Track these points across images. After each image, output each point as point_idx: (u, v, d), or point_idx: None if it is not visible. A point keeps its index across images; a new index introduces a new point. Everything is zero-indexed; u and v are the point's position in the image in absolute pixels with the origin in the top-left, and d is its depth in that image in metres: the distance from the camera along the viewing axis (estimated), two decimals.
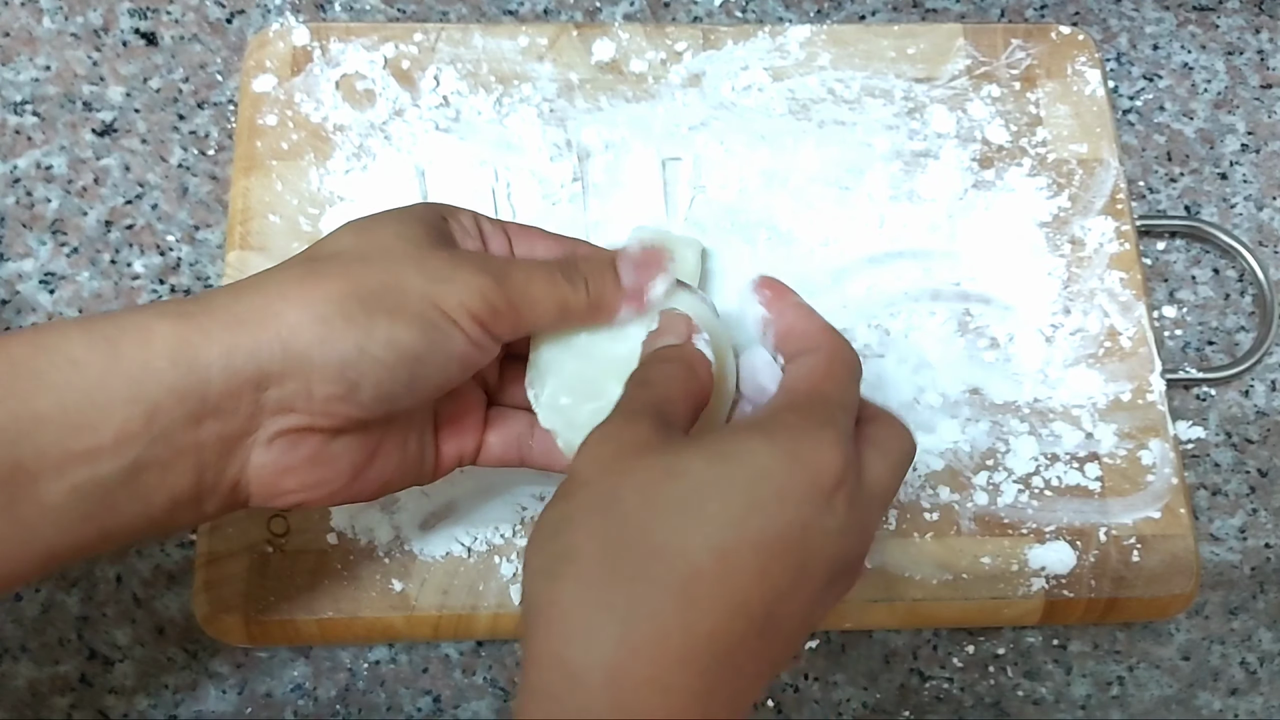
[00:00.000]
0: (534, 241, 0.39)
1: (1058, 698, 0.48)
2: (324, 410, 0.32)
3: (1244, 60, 0.60)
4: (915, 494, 0.47)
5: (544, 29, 0.54)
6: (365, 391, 0.32)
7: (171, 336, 0.30)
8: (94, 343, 0.29)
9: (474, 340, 0.34)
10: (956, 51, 0.55)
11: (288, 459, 0.32)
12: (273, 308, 0.31)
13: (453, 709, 0.47)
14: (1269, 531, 0.52)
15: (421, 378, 0.33)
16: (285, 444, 0.32)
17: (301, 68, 0.53)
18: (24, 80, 0.56)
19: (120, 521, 0.30)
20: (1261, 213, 0.57)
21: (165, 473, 0.30)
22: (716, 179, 0.52)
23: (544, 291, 0.35)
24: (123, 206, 0.54)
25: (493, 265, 0.34)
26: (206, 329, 0.30)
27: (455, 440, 0.38)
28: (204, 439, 0.30)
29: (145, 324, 0.30)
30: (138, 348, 0.29)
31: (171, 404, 0.29)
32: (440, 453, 0.38)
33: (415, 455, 0.37)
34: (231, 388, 0.30)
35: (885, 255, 0.52)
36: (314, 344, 0.31)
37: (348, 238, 0.35)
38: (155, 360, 0.29)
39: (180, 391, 0.29)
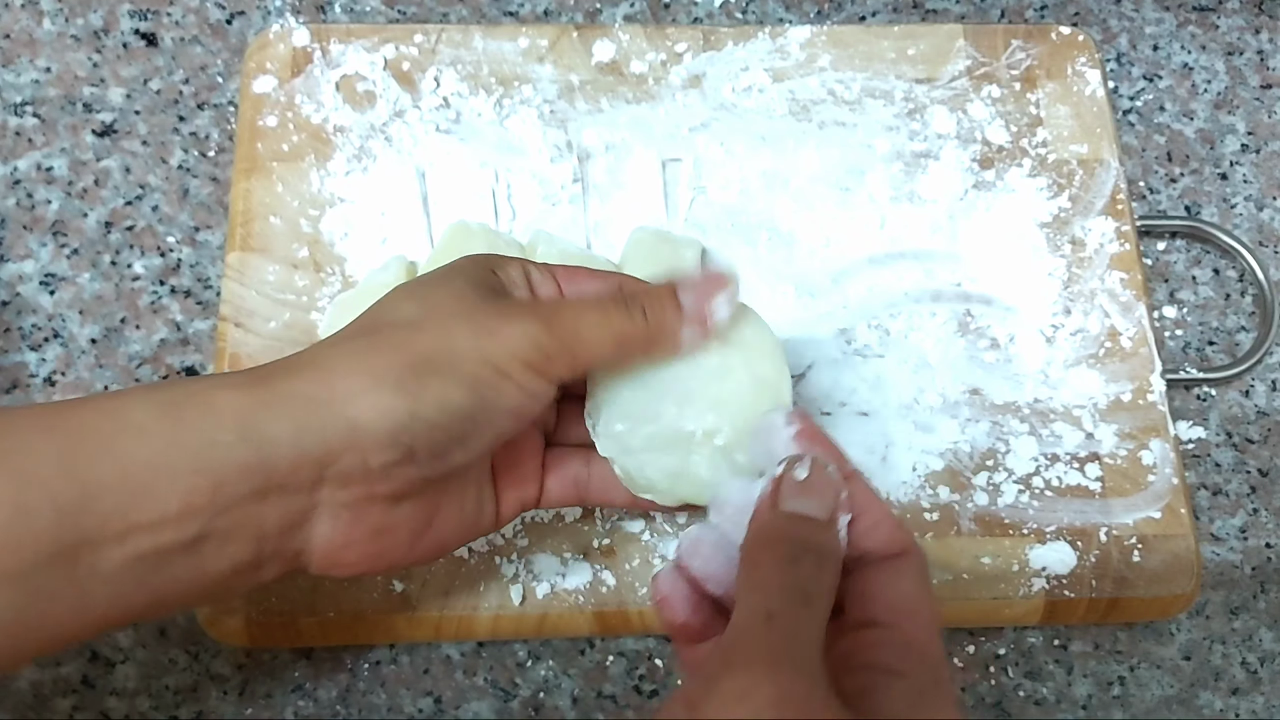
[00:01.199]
0: (582, 281, 0.38)
1: (1059, 698, 0.48)
2: (382, 477, 0.32)
3: (1244, 60, 0.60)
4: (915, 494, 0.47)
5: (544, 30, 0.54)
6: (421, 454, 0.32)
7: (238, 411, 0.30)
8: (157, 411, 0.29)
9: (527, 390, 0.33)
10: (957, 52, 0.55)
11: (349, 533, 0.33)
12: (338, 387, 0.31)
13: (454, 710, 0.47)
14: (1270, 531, 0.52)
15: (475, 434, 0.33)
16: (347, 517, 0.32)
17: (302, 69, 0.53)
18: (24, 82, 0.56)
19: (176, 589, 0.30)
20: (1262, 213, 0.57)
21: (225, 544, 0.30)
22: (717, 180, 0.52)
23: (597, 327, 0.34)
24: (123, 208, 0.54)
25: (541, 310, 0.34)
26: (273, 406, 0.30)
27: (516, 489, 0.38)
28: (266, 514, 0.30)
29: (209, 395, 0.30)
30: (202, 418, 0.29)
31: (237, 479, 0.29)
32: (500, 503, 0.38)
33: (473, 511, 0.37)
34: (298, 466, 0.30)
35: (886, 256, 0.52)
36: (370, 417, 0.31)
37: (403, 304, 0.35)
38: (221, 434, 0.29)
39: (247, 467, 0.29)
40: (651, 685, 0.48)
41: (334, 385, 0.31)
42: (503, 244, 0.47)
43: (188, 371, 0.51)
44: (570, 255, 0.47)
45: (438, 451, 0.33)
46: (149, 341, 0.52)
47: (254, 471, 0.29)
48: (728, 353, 0.35)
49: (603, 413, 0.36)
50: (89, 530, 0.27)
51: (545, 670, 0.48)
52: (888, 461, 0.48)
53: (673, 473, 0.35)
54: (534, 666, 0.48)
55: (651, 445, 0.35)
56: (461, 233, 0.47)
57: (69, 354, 0.51)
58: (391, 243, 0.50)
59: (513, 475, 0.38)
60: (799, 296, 0.50)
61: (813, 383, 0.49)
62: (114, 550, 0.28)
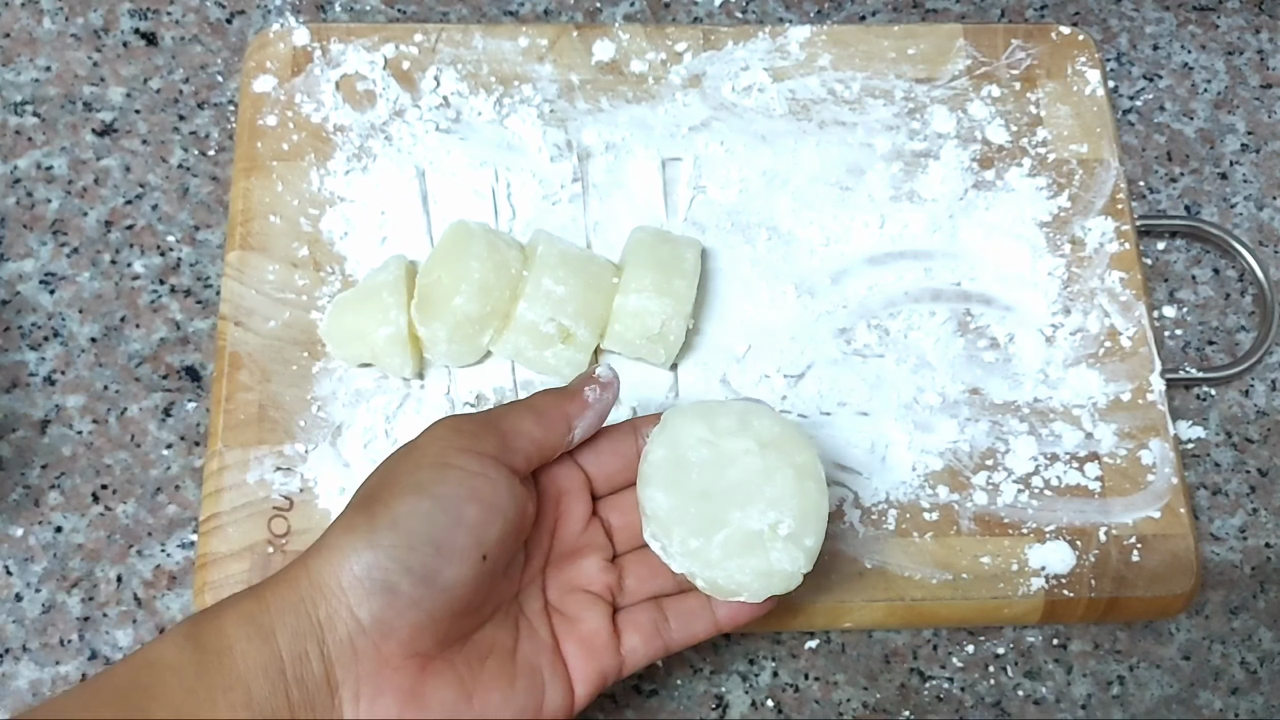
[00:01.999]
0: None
1: (1058, 697, 0.48)
2: (382, 631, 0.32)
3: (1244, 60, 0.60)
4: (915, 494, 0.47)
5: (544, 30, 0.54)
6: (402, 585, 0.32)
7: (244, 618, 0.32)
8: (180, 647, 0.32)
9: (469, 470, 0.34)
10: (957, 52, 0.55)
11: (377, 711, 0.33)
12: (311, 565, 0.33)
13: None
14: (1269, 531, 0.52)
15: (446, 539, 0.33)
16: (369, 693, 0.33)
17: (302, 68, 0.53)
18: (25, 81, 0.56)
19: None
20: (1262, 212, 0.57)
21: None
22: (717, 179, 0.52)
23: (513, 408, 0.38)
24: (123, 207, 0.54)
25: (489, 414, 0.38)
26: (270, 603, 0.33)
27: (589, 661, 0.37)
28: (295, 710, 0.32)
29: (219, 616, 0.33)
30: (219, 637, 0.32)
31: (261, 678, 0.31)
32: (574, 680, 0.37)
33: (529, 689, 0.36)
34: (300, 650, 0.32)
35: (886, 255, 0.52)
36: (336, 569, 0.33)
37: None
38: (235, 643, 0.32)
39: (264, 666, 0.31)
40: (651, 685, 0.48)
41: (309, 563, 0.33)
42: (503, 243, 0.47)
43: (187, 370, 0.51)
44: (570, 255, 0.47)
45: (417, 572, 0.33)
46: (149, 340, 0.52)
47: (271, 670, 0.32)
48: (766, 454, 0.38)
49: (673, 534, 0.38)
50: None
51: None
52: (887, 461, 0.48)
53: (760, 571, 0.37)
54: None
55: (729, 552, 0.37)
56: (461, 232, 0.47)
57: (69, 353, 0.51)
58: (391, 242, 0.50)
59: (581, 646, 0.38)
60: (798, 296, 0.50)
61: (812, 382, 0.49)
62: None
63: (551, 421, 0.38)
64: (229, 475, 0.46)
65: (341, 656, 0.32)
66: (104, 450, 0.50)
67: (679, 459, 0.38)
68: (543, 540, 0.39)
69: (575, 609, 0.38)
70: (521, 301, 0.46)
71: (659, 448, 0.39)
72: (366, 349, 0.46)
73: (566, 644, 0.38)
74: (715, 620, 0.39)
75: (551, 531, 0.40)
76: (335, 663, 0.32)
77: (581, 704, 0.37)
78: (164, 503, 0.49)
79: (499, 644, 0.36)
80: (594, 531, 0.40)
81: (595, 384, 0.39)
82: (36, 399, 0.50)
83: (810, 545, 0.38)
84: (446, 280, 0.46)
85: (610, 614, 0.39)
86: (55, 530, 0.48)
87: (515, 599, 0.38)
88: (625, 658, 0.38)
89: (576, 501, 0.40)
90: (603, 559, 0.40)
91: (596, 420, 0.39)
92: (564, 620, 0.38)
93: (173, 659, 0.31)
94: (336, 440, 0.47)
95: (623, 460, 0.41)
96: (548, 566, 0.39)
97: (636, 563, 0.40)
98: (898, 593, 0.46)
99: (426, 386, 0.48)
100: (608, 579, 0.39)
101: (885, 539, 0.47)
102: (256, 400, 0.47)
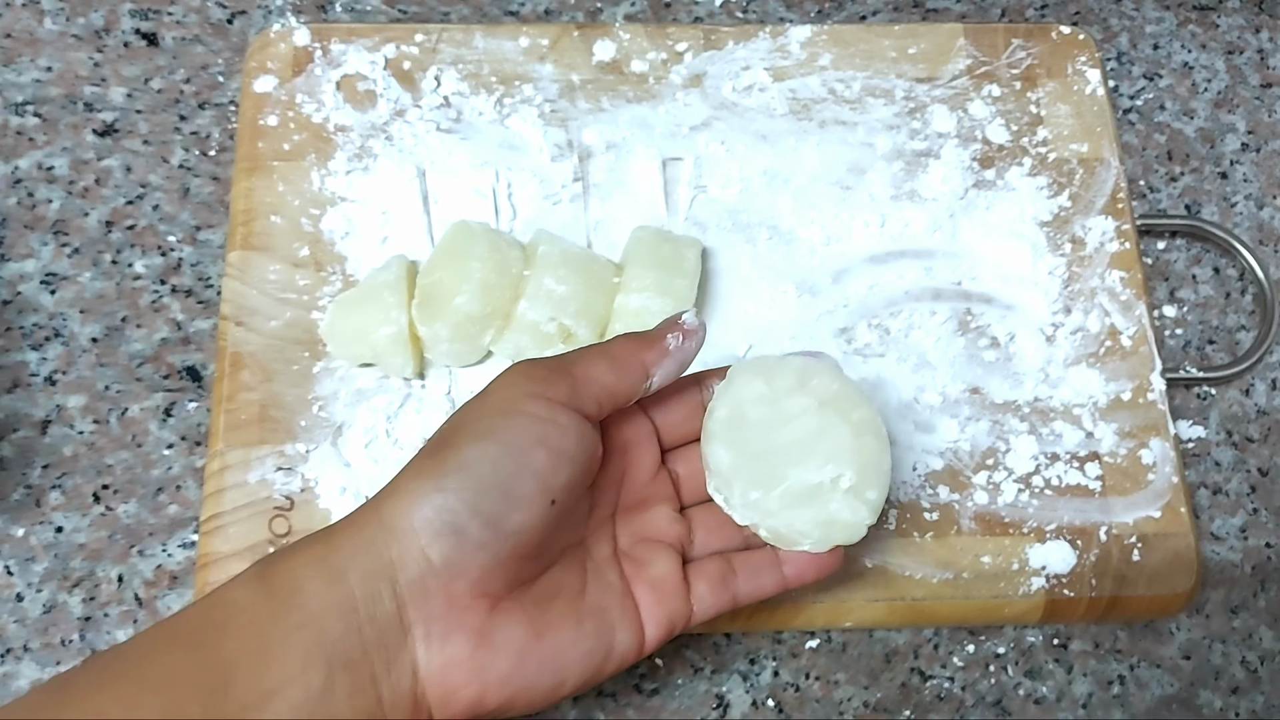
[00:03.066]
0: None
1: (1059, 696, 0.48)
2: (452, 572, 0.32)
3: (1244, 60, 0.60)
4: (915, 494, 0.47)
5: (545, 30, 0.54)
6: (470, 528, 0.32)
7: (314, 560, 0.32)
8: (254, 587, 0.32)
9: (537, 416, 0.34)
10: (957, 51, 0.55)
11: (446, 650, 0.33)
12: (384, 507, 0.33)
13: None
14: (1270, 530, 0.52)
15: (513, 484, 0.33)
16: (440, 632, 0.33)
17: (303, 68, 0.53)
18: (26, 81, 0.56)
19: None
20: (1262, 212, 0.57)
21: (350, 697, 0.31)
22: (718, 179, 0.52)
23: (587, 353, 0.37)
24: (124, 207, 0.54)
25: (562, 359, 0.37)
26: (340, 546, 0.33)
27: (659, 605, 0.37)
28: (368, 648, 0.32)
29: (290, 557, 0.33)
30: (290, 577, 0.32)
31: (333, 620, 0.31)
32: (645, 622, 0.37)
33: (598, 629, 0.36)
34: (372, 590, 0.32)
35: (886, 254, 0.52)
36: (407, 512, 0.33)
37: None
38: (306, 583, 0.32)
39: (336, 606, 0.31)
40: (652, 685, 0.48)
41: (380, 507, 0.33)
42: (504, 243, 0.47)
43: (188, 370, 0.51)
44: (571, 254, 0.47)
45: (485, 516, 0.33)
46: (150, 340, 0.52)
47: (343, 609, 0.32)
48: (824, 413, 0.38)
49: (734, 487, 0.38)
50: (234, 711, 0.29)
51: None
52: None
53: (821, 521, 0.38)
54: None
55: (788, 503, 0.38)
56: (463, 232, 0.47)
57: (70, 353, 0.51)
58: (392, 242, 0.50)
59: (652, 590, 0.38)
60: (799, 295, 0.50)
61: None
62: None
63: (626, 368, 0.37)
64: (230, 475, 0.46)
65: (414, 596, 0.32)
66: (105, 450, 0.50)
67: (739, 417, 0.38)
68: (610, 487, 0.39)
69: (646, 555, 0.38)
70: (523, 301, 0.46)
71: (722, 405, 0.39)
72: (368, 349, 0.47)
73: (637, 587, 0.38)
74: (783, 576, 0.39)
75: (619, 480, 0.40)
76: (407, 602, 0.32)
77: (651, 646, 0.37)
78: (165, 503, 0.49)
79: (567, 586, 0.36)
80: (662, 482, 0.41)
81: (679, 331, 0.38)
82: (38, 399, 0.50)
83: (873, 498, 0.38)
84: (448, 280, 0.46)
85: (680, 562, 0.39)
86: (56, 530, 0.48)
87: (583, 544, 0.38)
88: (694, 605, 0.38)
89: (645, 451, 0.40)
90: (671, 510, 0.40)
91: (677, 368, 0.38)
92: (634, 565, 0.38)
93: (244, 599, 0.32)
94: (338, 440, 0.47)
95: (688, 412, 0.41)
96: (617, 514, 0.39)
97: (704, 515, 0.41)
98: (898, 592, 0.46)
99: (428, 386, 0.48)
100: (678, 530, 0.40)
101: (886, 538, 0.47)
102: (258, 400, 0.47)
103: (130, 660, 0.31)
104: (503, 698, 0.34)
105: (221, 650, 0.30)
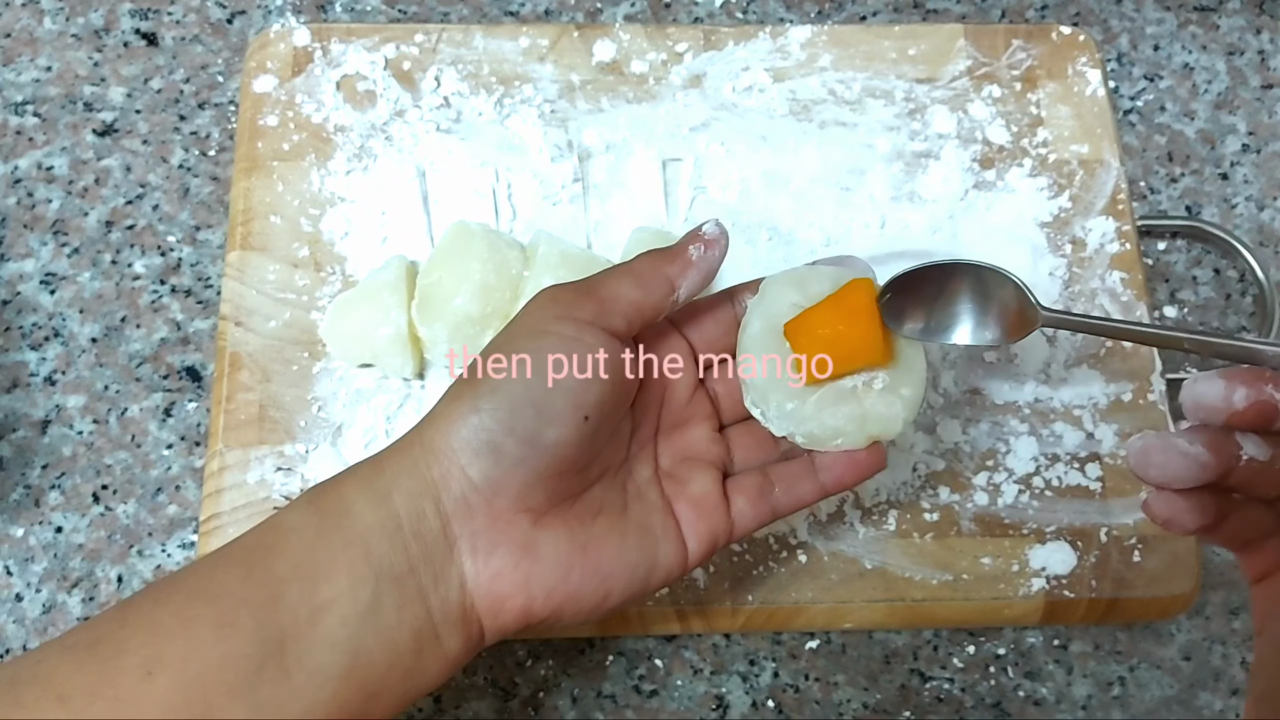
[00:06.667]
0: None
1: (1059, 698, 0.48)
2: (493, 488, 0.33)
3: (1244, 61, 0.60)
4: (915, 494, 0.47)
5: (545, 30, 0.54)
6: (507, 445, 0.33)
7: (361, 483, 0.34)
8: (305, 510, 0.33)
9: (565, 335, 0.35)
10: (957, 52, 0.55)
11: (491, 562, 0.34)
12: (425, 433, 0.34)
13: (453, 709, 0.47)
14: None
15: (546, 403, 0.34)
16: (485, 544, 0.34)
17: (302, 68, 0.53)
18: (25, 81, 0.56)
19: (375, 674, 0.32)
20: (1262, 213, 0.57)
21: (399, 610, 0.32)
22: (717, 180, 0.52)
23: (611, 273, 0.37)
24: (124, 207, 0.54)
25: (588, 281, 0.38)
26: (385, 470, 0.34)
27: (701, 519, 0.38)
28: (415, 563, 0.33)
29: (339, 483, 0.34)
30: (338, 500, 0.33)
31: (379, 537, 0.33)
32: (686, 536, 0.38)
33: (640, 543, 0.36)
34: (417, 508, 0.33)
35: (886, 255, 0.52)
36: (446, 434, 0.34)
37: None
38: (356, 504, 0.33)
39: (381, 525, 0.33)
40: (651, 685, 0.48)
41: (422, 432, 0.34)
42: (503, 244, 0.47)
43: (188, 371, 0.51)
44: (571, 255, 0.47)
45: (520, 433, 0.33)
46: (149, 340, 0.52)
47: (388, 527, 0.33)
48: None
49: (770, 400, 0.38)
50: (285, 624, 0.31)
51: (545, 669, 0.48)
52: (888, 461, 0.48)
53: (856, 416, 0.37)
54: (533, 665, 0.48)
55: (824, 405, 0.37)
56: (462, 233, 0.47)
57: (69, 353, 0.51)
58: (392, 242, 0.50)
59: (693, 507, 0.38)
60: None
61: None
62: (310, 635, 0.31)
63: (651, 283, 0.37)
64: (229, 475, 0.46)
65: (457, 512, 0.33)
66: (104, 450, 0.50)
67: (774, 329, 0.38)
68: (651, 409, 0.40)
69: (686, 474, 0.39)
70: (522, 301, 0.46)
71: (756, 319, 0.39)
72: (367, 349, 0.46)
73: (678, 504, 0.38)
74: (820, 483, 0.39)
75: (660, 401, 0.40)
76: (452, 518, 0.33)
77: (695, 561, 0.38)
78: (164, 503, 0.49)
79: (609, 503, 0.37)
80: (700, 401, 0.41)
81: (700, 241, 0.38)
82: (37, 399, 0.50)
83: (908, 395, 0.38)
84: (447, 281, 0.46)
85: (720, 480, 0.39)
86: (56, 530, 0.48)
87: (625, 464, 0.38)
88: (735, 520, 0.39)
89: (683, 371, 0.40)
90: (711, 429, 0.40)
91: (701, 279, 0.38)
92: (674, 483, 0.39)
93: (295, 522, 0.33)
94: (337, 440, 0.47)
95: (723, 328, 0.41)
96: (659, 435, 0.40)
97: (743, 434, 0.41)
98: (898, 593, 0.46)
99: (427, 387, 0.48)
100: (718, 450, 0.40)
101: (886, 539, 0.47)
102: (257, 400, 0.47)
103: (187, 580, 0.32)
104: (550, 608, 0.34)
105: (273, 569, 0.32)
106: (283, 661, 0.30)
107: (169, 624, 0.30)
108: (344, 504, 0.33)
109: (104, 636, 0.30)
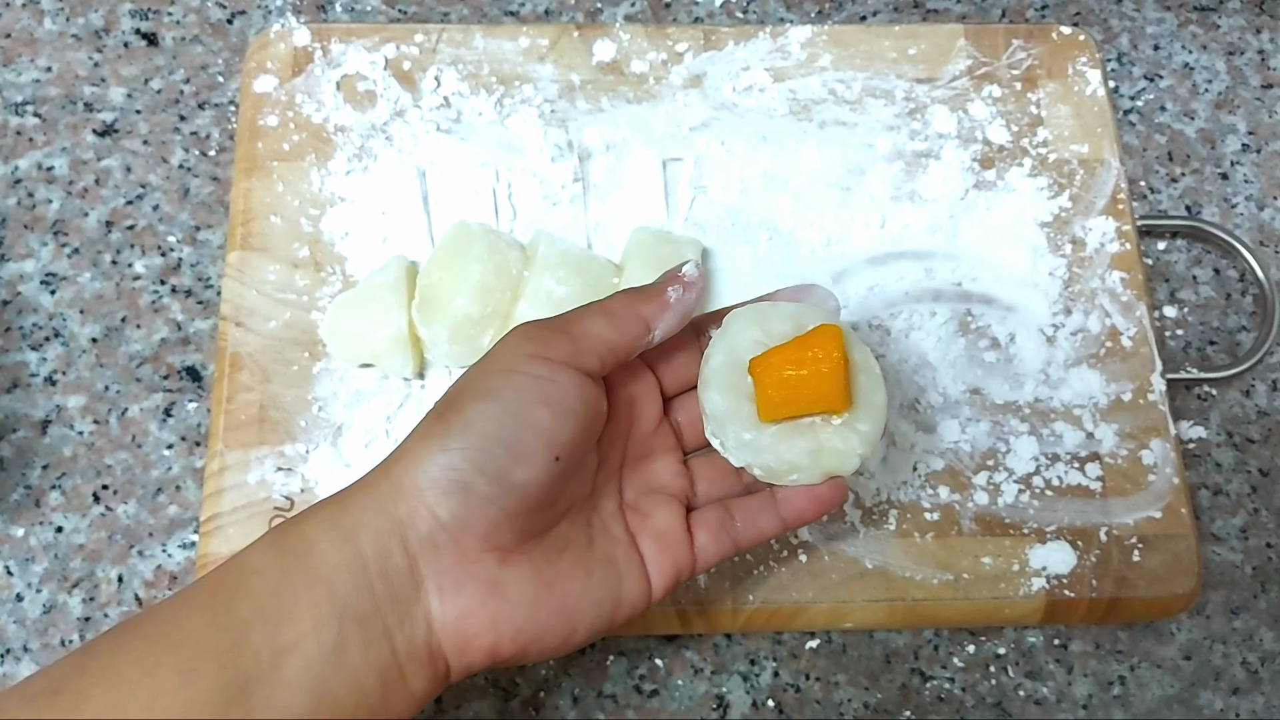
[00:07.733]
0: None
1: (1059, 698, 0.48)
2: (460, 527, 0.33)
3: (1245, 60, 0.60)
4: (916, 494, 0.47)
5: (545, 30, 0.54)
6: (476, 484, 0.33)
7: (325, 521, 0.33)
8: (267, 550, 0.33)
9: (536, 375, 0.35)
10: (957, 52, 0.55)
11: (459, 601, 0.33)
12: (392, 469, 0.34)
13: (454, 709, 0.47)
14: (1270, 531, 0.52)
15: (517, 442, 0.34)
16: (451, 584, 0.33)
17: (302, 69, 0.53)
18: (25, 81, 0.56)
19: (340, 716, 0.32)
20: (1262, 213, 0.57)
21: (364, 650, 0.32)
22: (717, 180, 0.52)
23: (586, 312, 0.37)
24: (124, 207, 0.54)
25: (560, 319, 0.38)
26: (351, 507, 0.34)
27: (664, 554, 0.38)
28: (380, 603, 0.32)
29: (301, 523, 0.34)
30: (301, 540, 0.33)
31: (344, 577, 0.32)
32: (650, 572, 0.38)
33: (606, 578, 0.36)
34: (383, 547, 0.33)
35: (886, 255, 0.52)
36: (414, 471, 0.33)
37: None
38: (318, 544, 0.33)
39: (346, 564, 0.32)
40: (652, 685, 0.48)
41: (389, 469, 0.34)
42: (503, 244, 0.47)
43: (188, 371, 0.51)
44: (571, 255, 0.47)
45: (490, 473, 0.33)
46: (149, 340, 0.52)
47: (353, 566, 0.32)
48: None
49: (729, 430, 0.38)
50: (249, 668, 0.30)
51: (545, 669, 0.48)
52: (888, 461, 0.48)
53: (812, 450, 0.38)
54: (534, 666, 0.48)
55: (781, 438, 0.38)
56: (462, 233, 0.47)
57: (69, 353, 0.51)
58: (392, 242, 0.50)
59: (656, 541, 0.38)
60: None
61: None
62: (274, 679, 0.31)
63: (625, 323, 0.37)
64: (230, 476, 0.46)
65: (424, 551, 0.33)
66: (105, 451, 0.50)
67: (735, 363, 0.38)
68: (617, 441, 0.40)
69: (650, 507, 0.39)
70: (522, 302, 0.46)
71: (718, 352, 0.39)
72: (367, 349, 0.46)
73: (642, 538, 0.38)
74: (780, 517, 0.39)
75: (626, 434, 0.40)
76: (419, 557, 0.33)
77: (659, 595, 0.38)
78: (165, 503, 0.49)
79: (575, 539, 0.37)
80: (665, 433, 0.41)
81: (679, 283, 0.38)
82: (37, 399, 0.50)
83: (865, 430, 0.38)
84: (447, 281, 0.46)
85: (683, 513, 0.39)
86: (56, 530, 0.48)
87: (590, 498, 0.38)
88: (698, 555, 0.39)
89: (648, 403, 0.41)
90: (675, 460, 0.41)
91: (677, 321, 0.38)
92: (638, 517, 0.39)
93: (258, 562, 0.33)
94: (337, 441, 0.47)
95: (686, 358, 0.41)
96: (624, 468, 0.40)
97: (705, 465, 0.41)
98: (899, 593, 0.46)
99: (427, 387, 0.48)
100: (681, 483, 0.40)
101: (886, 539, 0.47)
102: (257, 401, 0.47)
103: (148, 625, 0.31)
104: (517, 646, 0.34)
105: (236, 611, 0.31)
106: (247, 705, 0.30)
107: (130, 672, 0.30)
108: (308, 544, 0.33)
109: (64, 685, 0.30)
